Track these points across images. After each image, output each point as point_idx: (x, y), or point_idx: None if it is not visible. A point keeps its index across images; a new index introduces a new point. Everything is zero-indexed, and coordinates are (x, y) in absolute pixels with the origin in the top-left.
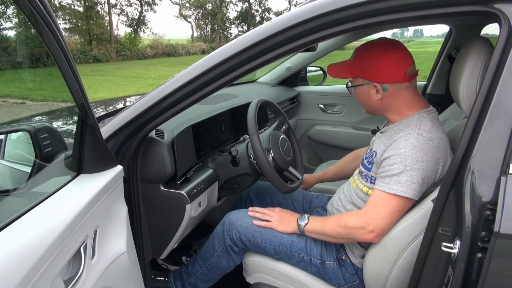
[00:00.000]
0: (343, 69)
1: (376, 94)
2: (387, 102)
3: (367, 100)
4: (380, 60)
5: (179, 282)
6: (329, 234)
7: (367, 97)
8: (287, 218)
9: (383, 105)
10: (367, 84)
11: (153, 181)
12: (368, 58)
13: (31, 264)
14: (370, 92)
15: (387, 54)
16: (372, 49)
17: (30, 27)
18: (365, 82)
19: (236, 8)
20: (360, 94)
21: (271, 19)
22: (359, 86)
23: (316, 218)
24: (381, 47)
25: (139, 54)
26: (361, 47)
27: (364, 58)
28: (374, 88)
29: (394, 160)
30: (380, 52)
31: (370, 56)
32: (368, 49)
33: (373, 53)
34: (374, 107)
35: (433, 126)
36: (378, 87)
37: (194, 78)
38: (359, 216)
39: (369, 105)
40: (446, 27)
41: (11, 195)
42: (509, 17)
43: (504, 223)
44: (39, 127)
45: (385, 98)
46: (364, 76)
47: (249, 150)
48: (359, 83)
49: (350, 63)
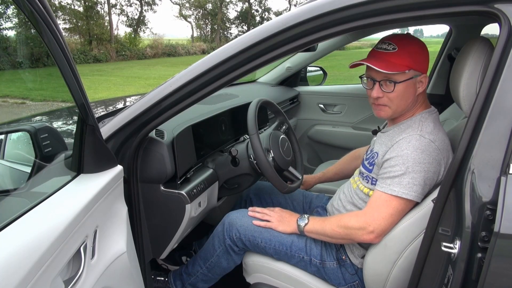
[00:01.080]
0: (393, 62)
1: (418, 88)
2: (419, 96)
3: (409, 95)
4: (425, 51)
5: (179, 282)
6: (329, 234)
7: (411, 91)
8: (287, 218)
9: (414, 101)
10: (416, 77)
11: (153, 181)
12: (415, 49)
13: (31, 264)
14: (416, 85)
15: (422, 43)
16: (415, 41)
17: (30, 27)
18: (416, 74)
19: (236, 8)
20: (405, 89)
21: (271, 19)
22: (409, 80)
23: (316, 219)
24: (414, 37)
25: (139, 54)
26: (397, 39)
27: (411, 49)
28: (419, 80)
29: (396, 161)
30: (421, 43)
31: (416, 47)
32: (411, 41)
33: (418, 44)
34: (410, 103)
35: (435, 127)
36: (425, 79)
37: (194, 78)
38: (359, 216)
39: (408, 103)
40: (446, 27)
41: (11, 195)
42: (509, 17)
43: (504, 223)
44: (39, 127)
45: (422, 91)
46: (417, 67)
47: (249, 150)
48: (408, 77)
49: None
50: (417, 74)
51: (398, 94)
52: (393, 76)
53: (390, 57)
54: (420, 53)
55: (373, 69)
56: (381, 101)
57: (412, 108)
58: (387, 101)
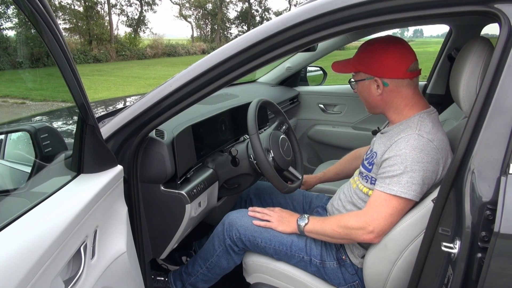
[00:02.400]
0: (347, 64)
1: (377, 90)
2: (388, 99)
3: (368, 95)
4: (381, 54)
5: (179, 282)
6: (329, 234)
7: (368, 92)
8: (287, 218)
9: (383, 102)
10: (368, 79)
11: (153, 181)
12: (370, 52)
13: (31, 264)
14: (371, 87)
15: (389, 49)
16: (375, 44)
17: (30, 27)
18: (366, 76)
19: (236, 8)
20: (362, 89)
21: (271, 19)
22: (361, 81)
23: (316, 218)
24: (384, 42)
25: (139, 54)
26: (365, 43)
27: (367, 52)
28: (375, 83)
29: (394, 161)
30: (382, 46)
31: (372, 50)
32: (371, 44)
33: (375, 47)
34: (374, 103)
35: (434, 127)
36: (379, 82)
37: (194, 78)
38: (359, 216)
39: (369, 102)
40: (446, 27)
41: (11, 195)
42: (509, 17)
43: (504, 223)
44: (39, 127)
45: (386, 94)
46: (366, 70)
47: (249, 150)
48: (360, 78)
49: (354, 59)
50: (368, 77)
51: (359, 93)
52: (354, 77)
53: (348, 60)
54: (370, 57)
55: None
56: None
57: (404, 108)
58: (361, 98)
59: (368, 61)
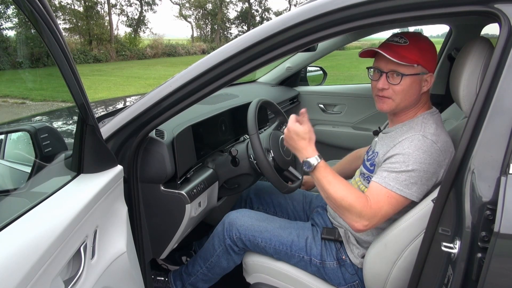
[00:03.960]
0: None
1: (423, 86)
2: (420, 96)
3: (414, 91)
4: (434, 51)
5: (179, 282)
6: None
7: (416, 88)
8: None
9: (418, 99)
10: (423, 74)
11: (153, 181)
12: (428, 47)
13: (31, 264)
14: (421, 83)
15: (434, 46)
16: (427, 40)
17: (30, 27)
18: (423, 71)
19: (236, 8)
20: (410, 84)
21: (271, 19)
22: (415, 75)
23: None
24: (428, 39)
25: (139, 54)
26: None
27: (427, 48)
28: (425, 78)
29: (397, 159)
30: (431, 43)
31: (428, 46)
32: (423, 39)
33: (429, 43)
34: (411, 100)
35: (437, 128)
36: (431, 79)
37: (194, 78)
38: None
39: (407, 98)
40: (446, 27)
41: (11, 195)
42: (509, 17)
43: (504, 223)
44: (39, 127)
45: (426, 91)
46: (425, 64)
47: (249, 150)
48: (416, 72)
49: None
50: (424, 72)
51: (403, 88)
52: (401, 68)
53: (401, 50)
54: (429, 50)
55: (382, 60)
56: (386, 93)
57: (414, 107)
58: (392, 94)
59: (427, 55)
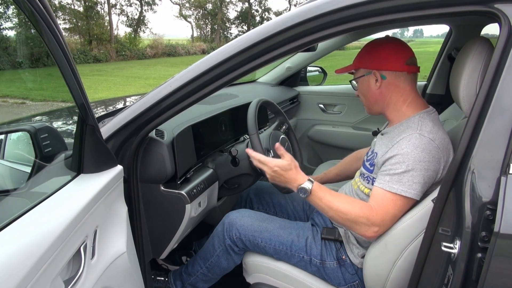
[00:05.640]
0: (348, 66)
1: (376, 84)
2: (386, 93)
3: (367, 91)
4: (378, 49)
5: (179, 282)
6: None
7: (367, 88)
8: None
9: (382, 97)
10: (367, 74)
11: (153, 181)
12: (368, 50)
13: (31, 264)
14: (370, 82)
15: (386, 44)
16: (372, 43)
17: (30, 27)
18: (366, 72)
19: (236, 8)
20: (362, 86)
21: (271, 19)
22: (361, 77)
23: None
24: (381, 39)
25: (139, 54)
26: (364, 46)
27: (365, 51)
28: (373, 77)
29: (396, 160)
30: (379, 42)
31: (370, 48)
32: (369, 44)
33: (373, 45)
34: (374, 99)
35: (434, 126)
36: (377, 75)
37: (194, 78)
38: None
39: (369, 98)
40: (446, 27)
41: (11, 195)
42: (509, 17)
43: (504, 223)
44: (39, 127)
45: (384, 87)
46: (364, 65)
47: None
48: (360, 75)
49: (354, 61)
50: (368, 72)
51: (361, 91)
52: (353, 76)
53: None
54: (365, 50)
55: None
56: (360, 99)
57: (402, 106)
58: (361, 98)
59: (367, 57)
